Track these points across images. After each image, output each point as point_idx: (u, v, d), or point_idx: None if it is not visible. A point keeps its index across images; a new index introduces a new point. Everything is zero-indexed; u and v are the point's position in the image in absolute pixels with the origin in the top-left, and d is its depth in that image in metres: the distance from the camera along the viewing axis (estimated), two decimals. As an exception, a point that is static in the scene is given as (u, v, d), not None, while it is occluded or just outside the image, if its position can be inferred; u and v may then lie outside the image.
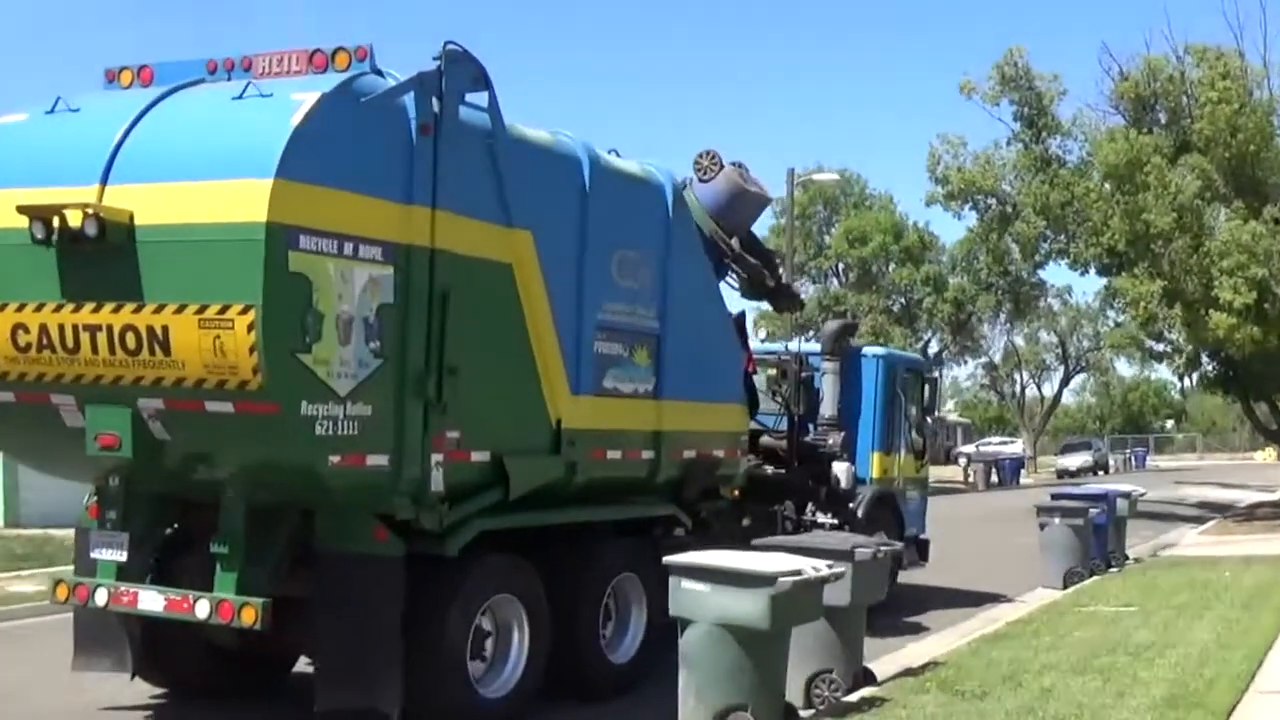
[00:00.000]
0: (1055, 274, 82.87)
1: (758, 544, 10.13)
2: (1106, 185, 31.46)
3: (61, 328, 7.99)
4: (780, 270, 15.98)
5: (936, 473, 17.99)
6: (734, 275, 13.89)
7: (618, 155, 10.88)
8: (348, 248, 7.87)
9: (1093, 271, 35.18)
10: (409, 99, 8.32)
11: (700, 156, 13.33)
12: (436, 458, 8.52)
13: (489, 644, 9.14)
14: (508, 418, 9.37)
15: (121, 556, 8.56)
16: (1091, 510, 18.18)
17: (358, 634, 8.29)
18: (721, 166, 13.25)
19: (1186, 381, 65.43)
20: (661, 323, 10.90)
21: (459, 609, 8.71)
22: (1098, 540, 18.55)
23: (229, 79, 8.48)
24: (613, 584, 10.34)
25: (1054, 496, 19.21)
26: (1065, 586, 16.95)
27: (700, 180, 13.24)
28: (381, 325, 8.09)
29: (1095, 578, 17.67)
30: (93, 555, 8.69)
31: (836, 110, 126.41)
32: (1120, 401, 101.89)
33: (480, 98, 8.90)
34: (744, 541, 11.38)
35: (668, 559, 8.67)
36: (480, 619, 8.97)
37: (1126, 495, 20.15)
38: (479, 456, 9.03)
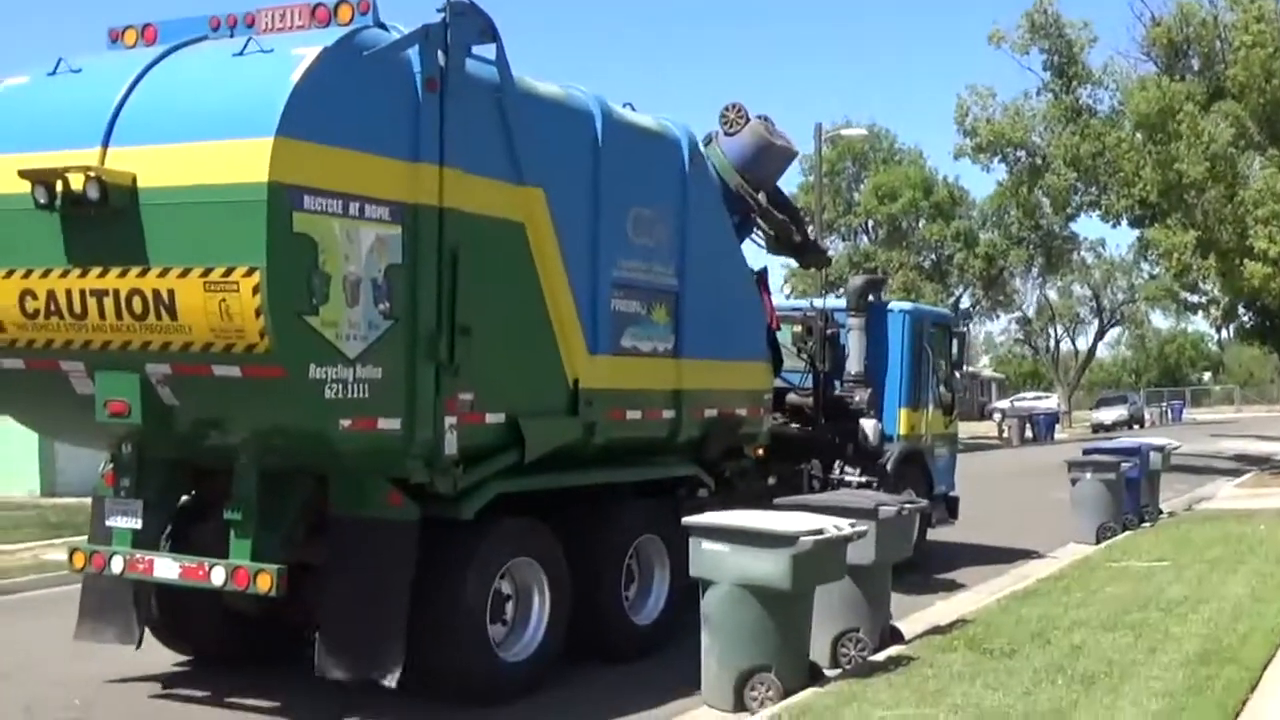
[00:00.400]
0: (1087, 226, 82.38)
1: (780, 503, 10.02)
2: (1138, 135, 31.06)
3: (69, 293, 7.91)
4: (807, 225, 15.76)
5: (971, 429, 17.84)
6: (759, 231, 13.71)
7: (632, 109, 10.68)
8: (353, 207, 7.73)
9: (1125, 223, 34.82)
10: (413, 53, 8.14)
11: (726, 109, 13.17)
12: (450, 420, 8.39)
13: (509, 607, 9.04)
14: (523, 378, 9.24)
15: (136, 524, 8.52)
16: (1124, 464, 17.95)
17: (364, 601, 8.21)
18: (748, 120, 13.07)
19: (1223, 333, 64.95)
20: (680, 280, 10.73)
21: (476, 573, 8.59)
22: (1130, 495, 18.33)
23: (232, 35, 8.37)
24: (634, 545, 10.22)
25: (1086, 451, 18.98)
26: (1097, 542, 16.76)
27: (726, 133, 13.09)
28: (390, 286, 7.96)
29: (1128, 533, 17.48)
30: (108, 523, 8.66)
31: (863, 63, 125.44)
32: (1156, 354, 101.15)
33: (487, 50, 8.70)
34: (769, 501, 11.28)
35: (687, 519, 8.60)
36: (499, 582, 8.86)
37: (1160, 449, 19.91)
38: (493, 418, 8.90)
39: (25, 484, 24.66)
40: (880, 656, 9.46)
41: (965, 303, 56.50)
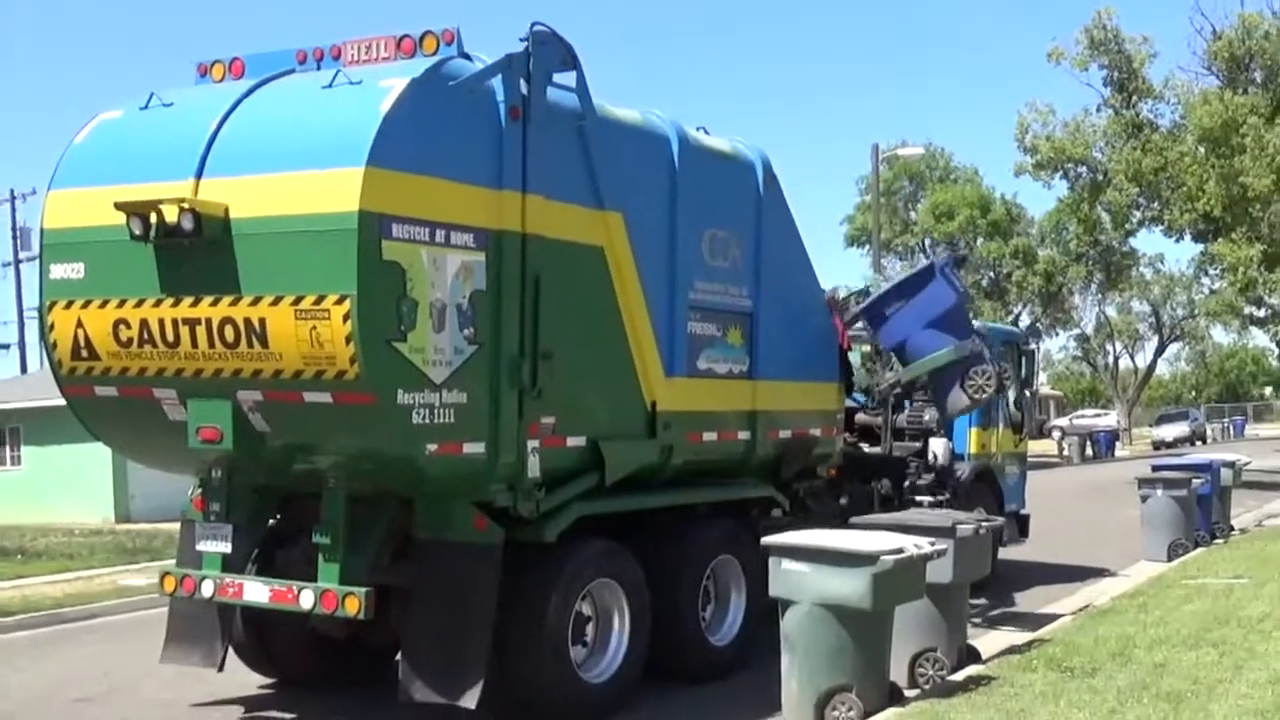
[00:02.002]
0: (1147, 242, 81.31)
1: (857, 522, 10.00)
2: (1201, 149, 30.83)
3: (161, 322, 8.08)
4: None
5: (1030, 447, 17.71)
6: None
7: (706, 133, 10.75)
8: (440, 235, 7.85)
9: (1188, 238, 34.55)
10: (497, 82, 8.28)
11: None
12: (532, 444, 8.49)
13: (590, 629, 9.12)
14: (603, 402, 9.33)
15: (226, 548, 8.65)
16: (1195, 480, 17.73)
17: (449, 624, 8.28)
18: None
19: (1286, 347, 64.06)
20: (754, 302, 10.78)
21: (559, 595, 8.67)
22: (1202, 511, 18.10)
23: (318, 68, 8.53)
24: (711, 566, 10.25)
25: (1155, 468, 18.74)
26: (1170, 559, 16.55)
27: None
28: (475, 312, 8.07)
29: (1200, 549, 17.25)
30: (198, 547, 8.79)
31: (919, 82, 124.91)
32: (1217, 370, 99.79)
33: (568, 78, 8.82)
34: (842, 521, 11.29)
35: (767, 539, 8.58)
36: (580, 604, 8.93)
37: (1231, 464, 19.64)
38: (575, 441, 8.99)
39: (100, 511, 25.18)
40: (959, 676, 9.39)
41: (1024, 320, 56.10)
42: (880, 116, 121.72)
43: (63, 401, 8.97)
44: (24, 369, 45.61)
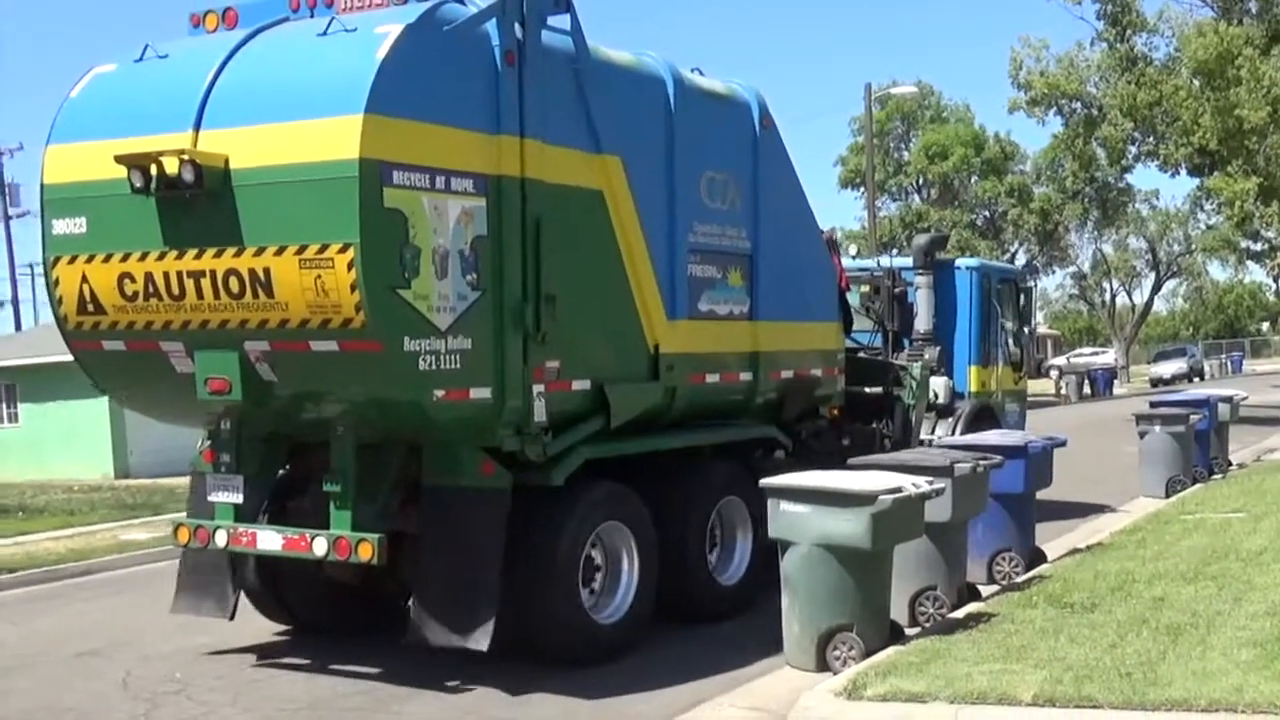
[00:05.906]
0: (1143, 177, 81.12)
1: (855, 463, 10.04)
2: (1196, 82, 30.67)
3: (166, 275, 8.11)
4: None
5: (1028, 386, 17.77)
6: None
7: (701, 74, 10.72)
8: (440, 181, 7.86)
9: (1184, 172, 34.42)
10: (491, 26, 8.26)
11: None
12: (538, 388, 8.54)
13: (599, 571, 9.19)
14: (606, 345, 9.37)
15: (238, 498, 8.72)
16: (1193, 416, 17.77)
17: (458, 569, 8.36)
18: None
19: (1281, 282, 63.99)
20: (753, 243, 10.80)
21: (568, 538, 8.74)
22: (1200, 447, 18.16)
23: (312, 15, 8.52)
24: (717, 507, 10.32)
25: (1153, 404, 18.78)
26: (1168, 495, 16.62)
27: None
28: (477, 258, 8.10)
29: (1198, 485, 17.31)
30: (210, 499, 8.86)
31: (909, 20, 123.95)
32: (1214, 306, 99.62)
33: (562, 21, 8.81)
34: (844, 461, 11.34)
35: (764, 481, 8.63)
36: (589, 547, 8.99)
37: (1228, 400, 19.68)
38: (580, 385, 9.04)
39: (99, 467, 25.26)
40: (959, 614, 9.43)
41: (1021, 259, 56.03)
42: (870, 55, 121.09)
43: (60, 358, 9.01)
44: (18, 326, 45.62)
